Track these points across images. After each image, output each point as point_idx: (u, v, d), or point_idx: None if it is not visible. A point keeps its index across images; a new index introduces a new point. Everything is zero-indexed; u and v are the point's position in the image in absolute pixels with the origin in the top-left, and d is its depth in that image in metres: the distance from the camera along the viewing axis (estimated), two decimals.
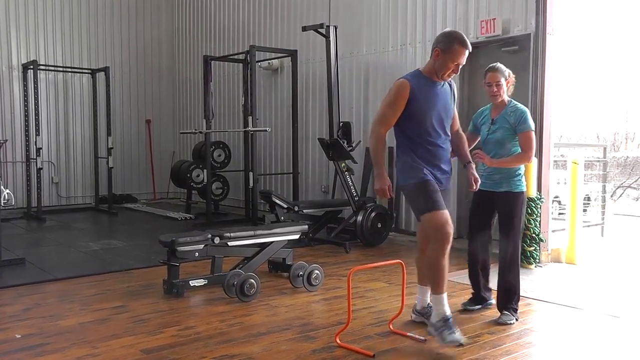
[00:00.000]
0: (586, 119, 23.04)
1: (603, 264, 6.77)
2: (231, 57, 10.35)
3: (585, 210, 8.87)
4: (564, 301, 5.02)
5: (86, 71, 11.36)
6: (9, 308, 4.74)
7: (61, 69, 11.38)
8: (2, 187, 6.82)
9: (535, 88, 6.56)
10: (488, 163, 4.44)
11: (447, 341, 3.82)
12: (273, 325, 4.33)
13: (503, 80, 4.44)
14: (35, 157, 9.92)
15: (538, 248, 6.38)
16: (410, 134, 4.04)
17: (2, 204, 6.86)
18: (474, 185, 4.22)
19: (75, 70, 11.50)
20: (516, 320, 4.40)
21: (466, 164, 4.28)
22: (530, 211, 6.23)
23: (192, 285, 5.13)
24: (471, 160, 4.31)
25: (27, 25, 11.19)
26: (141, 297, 5.06)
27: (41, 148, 9.94)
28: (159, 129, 12.95)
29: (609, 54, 30.15)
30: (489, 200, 4.49)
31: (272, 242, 5.50)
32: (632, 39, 31.89)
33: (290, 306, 4.82)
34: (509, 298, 4.47)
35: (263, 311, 4.69)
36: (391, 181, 4.18)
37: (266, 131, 9.08)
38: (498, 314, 4.48)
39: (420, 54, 7.89)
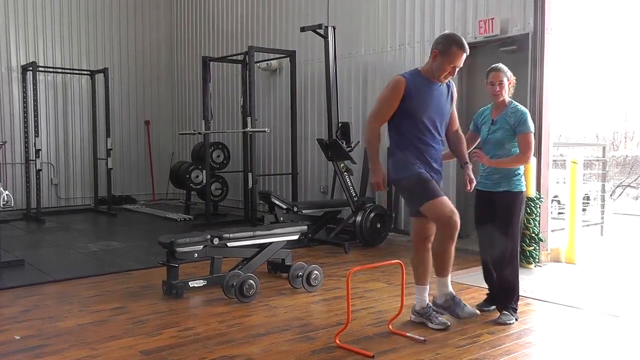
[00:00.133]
0: (585, 118, 23.04)
1: (603, 264, 6.77)
2: (230, 58, 10.35)
3: (584, 209, 8.86)
4: (564, 301, 5.02)
5: (85, 73, 11.36)
6: (8, 310, 4.74)
7: (60, 71, 11.39)
8: (2, 189, 6.81)
9: (534, 88, 6.56)
10: (486, 163, 4.47)
11: (464, 316, 4.11)
12: (272, 326, 4.32)
13: (505, 80, 4.48)
14: (34, 159, 9.92)
15: (537, 248, 6.38)
16: (403, 131, 4.10)
17: (2, 206, 6.85)
18: (469, 186, 4.28)
19: (74, 71, 11.50)
20: (516, 320, 4.40)
21: (463, 165, 4.33)
22: (529, 211, 6.23)
23: (192, 286, 5.13)
24: (468, 161, 4.35)
25: (27, 27, 11.19)
26: (140, 298, 5.05)
27: (40, 149, 9.94)
28: (158, 130, 12.95)
29: (608, 53, 30.15)
30: (490, 200, 4.51)
31: (272, 243, 5.50)
32: (631, 38, 31.90)
33: (289, 307, 4.82)
34: (509, 298, 4.47)
35: (262, 312, 4.69)
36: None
37: (265, 132, 9.08)
38: (498, 314, 4.48)
39: (418, 54, 7.89)
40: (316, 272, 5.32)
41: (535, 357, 3.80)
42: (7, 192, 6.96)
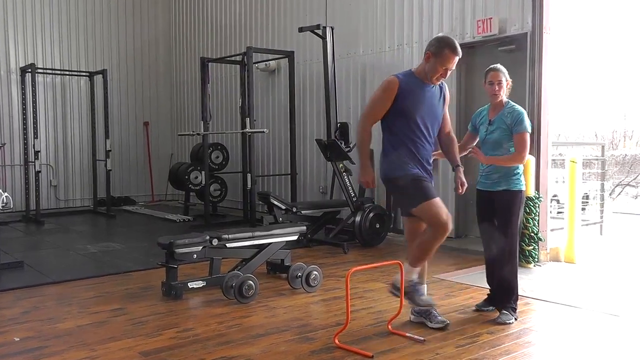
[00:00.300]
0: (584, 117, 23.05)
1: (602, 263, 6.77)
2: (228, 59, 10.35)
3: (583, 208, 8.86)
4: (563, 300, 5.02)
5: (84, 74, 11.36)
6: (8, 311, 4.74)
7: (59, 72, 11.38)
8: (1, 190, 6.82)
9: (532, 87, 6.55)
10: (482, 159, 4.51)
11: (421, 303, 4.18)
12: (272, 326, 4.32)
13: (504, 80, 4.51)
14: (33, 160, 9.92)
15: (537, 247, 6.37)
16: (395, 131, 4.14)
17: (1, 207, 6.85)
18: (461, 189, 4.30)
19: (73, 73, 11.50)
20: (515, 319, 4.40)
21: (455, 167, 4.36)
22: (528, 210, 6.23)
23: (191, 287, 5.12)
24: (460, 164, 4.38)
25: (25, 28, 11.20)
26: (139, 300, 5.05)
27: (39, 151, 9.94)
28: (157, 131, 12.95)
29: (607, 52, 30.17)
30: (490, 199, 4.52)
31: (271, 244, 5.49)
32: (630, 37, 31.94)
33: (288, 307, 4.82)
34: (508, 297, 4.47)
35: (262, 312, 4.69)
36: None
37: (264, 132, 9.08)
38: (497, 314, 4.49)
39: (417, 54, 7.88)
40: (315, 273, 5.32)
41: (534, 357, 3.80)
42: (6, 194, 6.97)
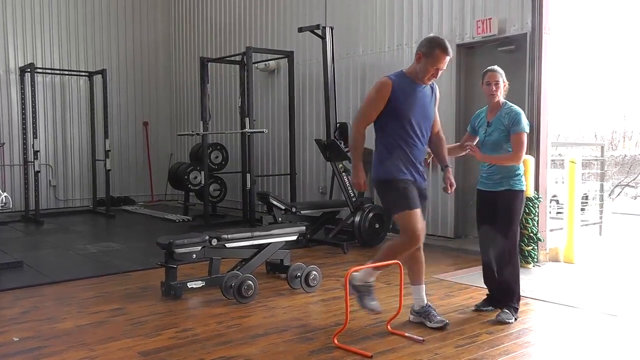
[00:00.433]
0: (584, 118, 23.06)
1: (601, 263, 6.77)
2: (228, 59, 10.35)
3: (583, 209, 8.85)
4: (563, 300, 5.02)
5: (83, 74, 11.36)
6: (7, 311, 4.73)
7: (58, 72, 11.38)
8: (0, 191, 6.82)
9: (532, 87, 6.55)
10: (479, 157, 4.54)
11: (366, 306, 4.20)
12: (271, 326, 4.32)
13: (501, 80, 4.53)
14: (32, 160, 9.92)
15: (536, 247, 6.38)
16: (388, 132, 4.15)
17: (0, 207, 6.86)
18: (450, 189, 4.33)
19: (72, 73, 11.50)
20: (515, 319, 4.40)
21: (444, 167, 4.40)
22: (528, 210, 6.23)
23: (190, 287, 5.12)
24: (449, 164, 4.42)
25: (24, 28, 11.19)
26: (139, 300, 5.05)
27: (39, 151, 9.94)
28: (157, 131, 12.94)
29: (606, 52, 30.17)
30: (491, 200, 4.54)
31: (270, 244, 5.49)
32: (629, 37, 31.95)
33: (288, 307, 4.82)
34: (509, 296, 4.48)
35: (261, 312, 4.69)
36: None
37: (263, 132, 9.08)
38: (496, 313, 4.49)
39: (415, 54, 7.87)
40: (315, 273, 5.32)
41: (533, 357, 3.80)
42: (6, 194, 6.98)
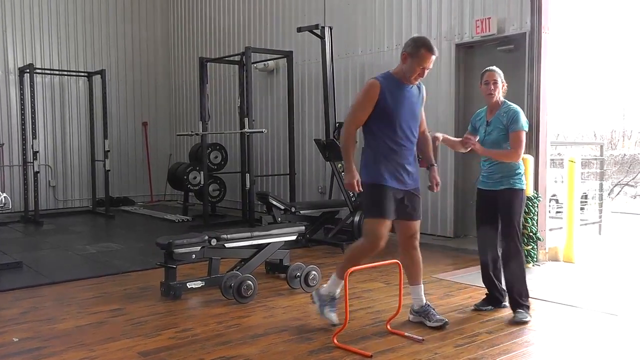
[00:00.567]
0: (583, 117, 23.06)
1: (601, 262, 6.77)
2: (227, 59, 10.35)
3: (582, 208, 8.86)
4: (562, 300, 5.02)
5: (82, 74, 11.36)
6: (7, 312, 4.73)
7: (57, 73, 11.38)
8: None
9: (531, 87, 6.55)
10: (479, 150, 4.52)
11: (325, 316, 4.24)
12: (270, 326, 4.32)
13: (499, 80, 4.54)
14: (32, 161, 9.91)
15: (535, 247, 6.38)
16: (377, 133, 4.17)
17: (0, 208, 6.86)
18: (435, 188, 4.38)
19: (71, 73, 11.49)
20: (530, 317, 4.41)
21: (429, 166, 4.42)
22: (527, 210, 6.23)
23: (189, 287, 5.12)
24: (434, 163, 4.45)
25: (23, 29, 11.18)
26: (138, 300, 5.05)
27: (38, 151, 9.94)
28: (156, 131, 12.93)
29: (606, 52, 30.19)
30: (492, 199, 4.55)
31: (269, 244, 5.49)
32: (629, 36, 31.97)
33: (287, 307, 4.82)
34: (519, 294, 4.48)
35: (260, 312, 4.69)
36: None
37: (262, 132, 9.08)
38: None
39: None
40: (314, 273, 5.32)
41: (533, 356, 3.80)
42: (5, 195, 6.97)
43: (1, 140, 10.85)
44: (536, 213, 6.35)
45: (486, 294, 4.76)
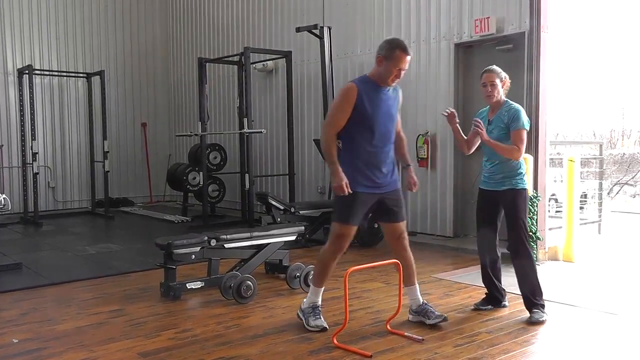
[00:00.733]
0: (582, 116, 23.08)
1: (600, 262, 6.77)
2: (226, 59, 10.34)
3: (582, 208, 8.86)
4: (562, 299, 5.02)
5: (81, 75, 11.36)
6: (6, 313, 4.73)
7: (56, 74, 11.37)
8: None
9: (530, 86, 6.55)
10: (484, 137, 4.44)
11: (311, 325, 4.19)
12: (270, 326, 4.32)
13: (498, 81, 4.52)
14: (31, 162, 9.90)
15: (535, 246, 6.37)
16: (354, 136, 4.17)
17: None
18: (413, 188, 4.37)
19: (70, 74, 11.49)
20: (546, 316, 4.41)
21: (405, 166, 4.43)
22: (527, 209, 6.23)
23: (189, 287, 5.12)
24: (410, 163, 4.46)
25: (22, 30, 11.18)
26: (138, 301, 5.05)
27: (37, 153, 9.92)
28: (155, 132, 12.93)
29: (605, 51, 30.22)
30: (493, 199, 4.55)
31: (269, 244, 5.49)
32: (628, 35, 31.98)
33: (287, 307, 4.82)
34: (533, 294, 4.47)
35: (260, 313, 4.69)
36: None
37: (261, 133, 9.08)
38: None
39: (414, 54, 7.86)
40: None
41: (533, 356, 3.80)
42: (5, 196, 6.96)
43: (1, 141, 10.84)
44: (536, 212, 6.35)
45: (486, 294, 4.76)
